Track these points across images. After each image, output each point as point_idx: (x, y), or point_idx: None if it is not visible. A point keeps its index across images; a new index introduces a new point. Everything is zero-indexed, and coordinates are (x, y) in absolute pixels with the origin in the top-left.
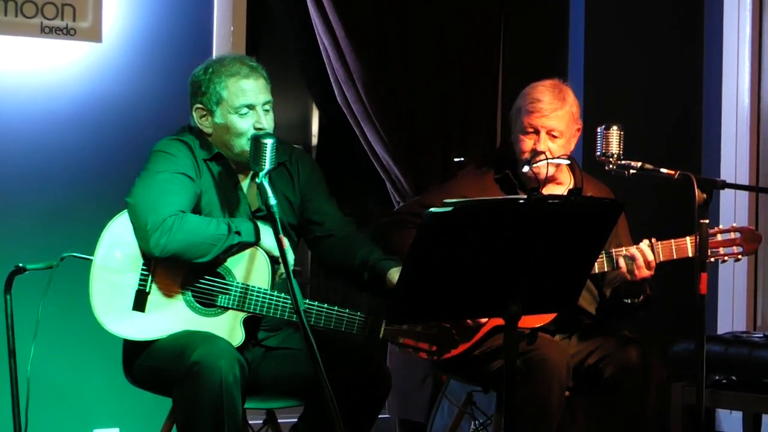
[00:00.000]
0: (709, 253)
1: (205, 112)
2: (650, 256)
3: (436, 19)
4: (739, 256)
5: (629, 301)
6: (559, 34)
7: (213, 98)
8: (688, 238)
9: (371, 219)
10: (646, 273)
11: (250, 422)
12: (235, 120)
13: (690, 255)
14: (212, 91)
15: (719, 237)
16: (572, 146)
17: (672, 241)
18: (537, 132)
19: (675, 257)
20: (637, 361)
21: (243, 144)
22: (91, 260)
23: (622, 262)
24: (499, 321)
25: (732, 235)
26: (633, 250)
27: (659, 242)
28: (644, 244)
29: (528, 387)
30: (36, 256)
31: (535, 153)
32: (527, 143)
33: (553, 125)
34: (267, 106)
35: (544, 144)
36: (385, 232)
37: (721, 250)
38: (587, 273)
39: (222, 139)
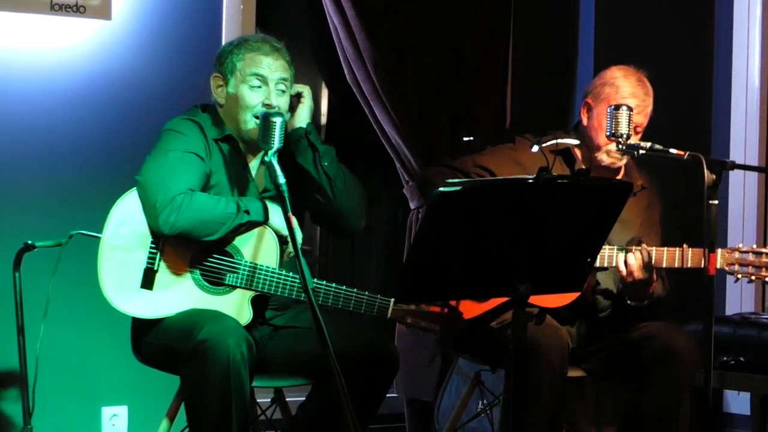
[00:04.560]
0: (737, 268)
1: (221, 82)
2: (647, 257)
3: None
4: (767, 279)
5: (633, 303)
6: (569, 14)
7: (229, 67)
8: (720, 250)
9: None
10: (643, 275)
11: (258, 401)
12: (245, 91)
13: (718, 266)
14: (229, 61)
15: (751, 256)
16: None
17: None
18: None
19: (703, 266)
20: (679, 342)
21: (248, 119)
22: (99, 238)
23: (620, 264)
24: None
25: (765, 258)
26: (630, 254)
27: (690, 249)
28: (643, 246)
29: (521, 373)
30: (45, 233)
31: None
32: None
33: (641, 121)
34: (281, 86)
35: (632, 139)
36: (431, 179)
37: (751, 269)
38: (596, 254)
39: (231, 112)
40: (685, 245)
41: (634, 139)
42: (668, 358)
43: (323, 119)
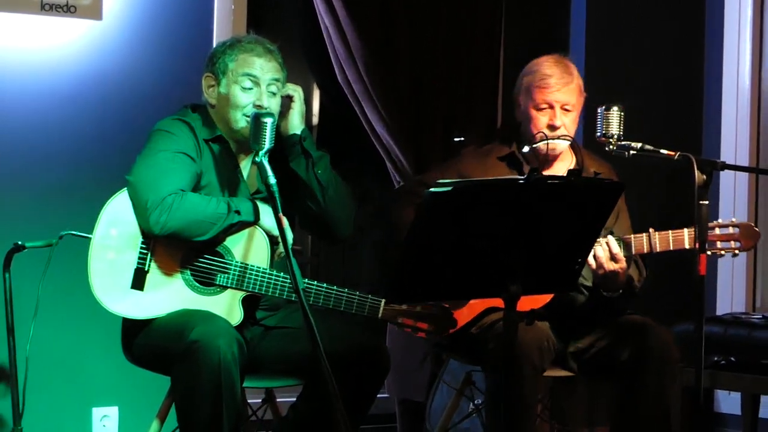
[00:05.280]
0: (706, 246)
1: (213, 82)
2: (615, 249)
3: None
4: (737, 252)
5: (607, 294)
6: (560, 13)
7: (221, 67)
8: (686, 230)
9: (371, 199)
10: (613, 266)
11: (249, 401)
12: (236, 91)
13: (687, 246)
14: (221, 61)
15: (717, 231)
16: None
17: (670, 232)
18: (551, 107)
19: (672, 248)
20: (654, 343)
21: (239, 119)
22: (90, 238)
23: (590, 258)
24: (493, 302)
25: (731, 230)
26: (598, 247)
27: (657, 232)
28: (611, 236)
29: (502, 372)
30: (35, 234)
31: (552, 128)
32: (542, 120)
33: (566, 99)
34: (273, 87)
35: (560, 119)
36: (388, 208)
37: (719, 244)
38: (587, 253)
39: (222, 112)
40: (651, 229)
41: (567, 120)
42: (648, 359)
43: (315, 119)
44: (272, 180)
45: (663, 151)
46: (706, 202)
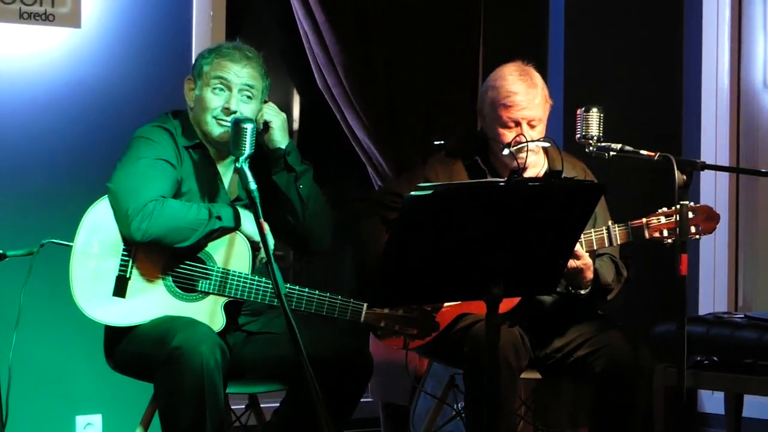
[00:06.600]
0: (666, 234)
1: (192, 85)
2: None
3: (416, 3)
4: (697, 236)
5: (574, 291)
6: (539, 16)
7: (197, 70)
8: (616, 225)
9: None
10: (575, 264)
11: (232, 407)
12: (207, 93)
13: (647, 237)
14: (199, 65)
15: (663, 219)
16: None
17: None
18: (518, 124)
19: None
20: (628, 356)
21: (209, 121)
22: (71, 246)
23: None
24: (465, 307)
25: (690, 214)
26: None
27: (616, 225)
28: None
29: (477, 370)
30: (16, 242)
31: (519, 143)
32: (508, 136)
33: (533, 115)
34: (247, 93)
35: (527, 134)
36: (357, 220)
37: (665, 232)
38: (569, 255)
39: (196, 114)
40: (611, 222)
41: (534, 133)
42: (621, 375)
43: (295, 125)
44: (253, 186)
45: (643, 151)
46: (687, 203)
